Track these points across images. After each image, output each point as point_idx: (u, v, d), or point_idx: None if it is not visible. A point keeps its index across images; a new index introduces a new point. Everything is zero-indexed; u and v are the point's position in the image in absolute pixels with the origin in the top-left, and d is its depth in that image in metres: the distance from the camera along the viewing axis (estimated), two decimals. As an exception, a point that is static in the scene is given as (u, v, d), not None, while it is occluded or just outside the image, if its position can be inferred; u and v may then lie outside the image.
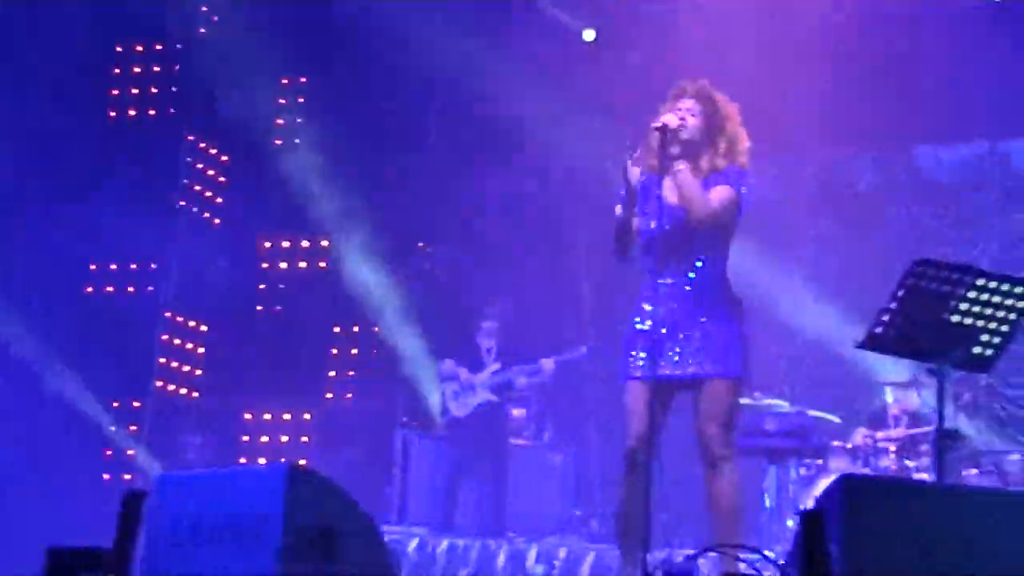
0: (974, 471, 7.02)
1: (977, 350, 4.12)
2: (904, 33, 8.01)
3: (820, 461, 6.94)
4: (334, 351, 9.35)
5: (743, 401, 6.48)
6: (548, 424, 8.18)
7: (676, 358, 4.44)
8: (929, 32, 7.92)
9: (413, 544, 7.19)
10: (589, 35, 8.89)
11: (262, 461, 8.65)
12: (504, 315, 8.03)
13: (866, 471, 6.78)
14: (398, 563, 3.61)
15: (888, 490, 3.45)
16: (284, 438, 9.06)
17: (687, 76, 4.62)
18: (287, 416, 9.13)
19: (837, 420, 7.27)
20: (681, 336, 4.45)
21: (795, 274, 8.46)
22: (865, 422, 7.41)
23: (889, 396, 7.44)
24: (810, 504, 5.47)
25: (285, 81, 9.54)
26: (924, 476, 6.61)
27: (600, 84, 8.46)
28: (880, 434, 7.11)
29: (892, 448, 7.04)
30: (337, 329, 9.35)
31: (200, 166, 9.41)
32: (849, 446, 7.13)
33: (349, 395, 9.20)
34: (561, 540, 7.41)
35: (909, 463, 6.88)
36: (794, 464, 7.02)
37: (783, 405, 7.21)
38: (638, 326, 4.54)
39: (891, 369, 7.16)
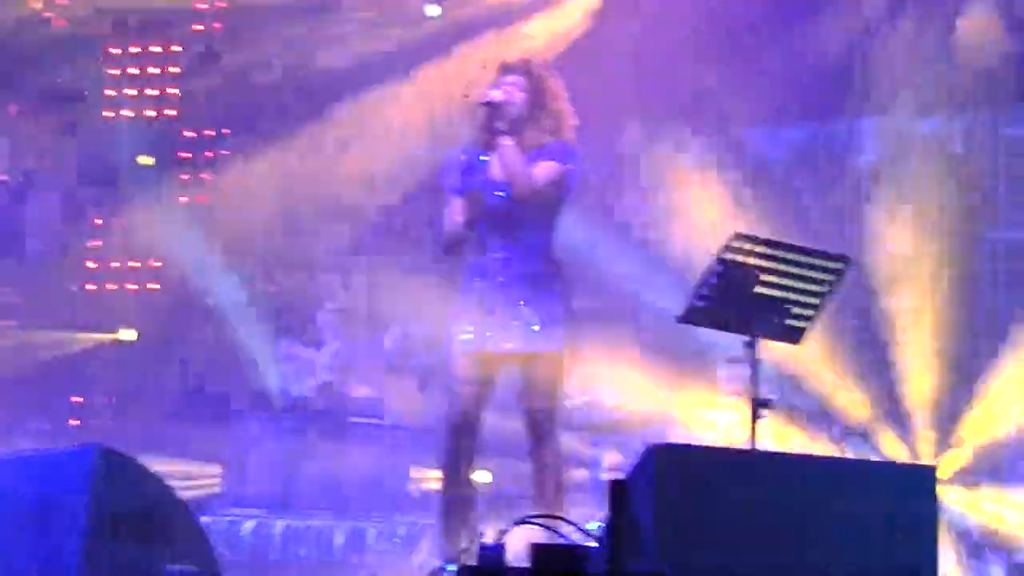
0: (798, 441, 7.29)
1: (789, 322, 4.26)
2: (736, 12, 8.21)
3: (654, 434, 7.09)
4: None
5: (579, 374, 6.61)
6: (391, 402, 8.13)
7: (503, 332, 4.47)
8: (760, 11, 8.15)
9: (249, 526, 7.09)
10: (433, 11, 8.83)
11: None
12: (346, 293, 7.98)
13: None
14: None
15: (698, 457, 3.53)
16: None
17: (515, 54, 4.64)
18: (112, 399, 8.84)
19: (666, 393, 7.42)
20: (508, 311, 4.47)
21: (631, 251, 8.60)
22: (699, 395, 7.60)
23: (722, 371, 7.64)
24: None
25: (116, 51, 9.21)
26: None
27: (444, 63, 8.44)
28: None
29: (723, 421, 7.24)
30: (172, 307, 9.09)
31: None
32: (683, 419, 7.31)
33: (187, 374, 8.95)
34: (402, 517, 7.40)
35: (741, 435, 7.08)
36: (632, 437, 7.15)
37: (623, 380, 7.33)
38: (467, 301, 4.55)
39: (726, 344, 7.34)
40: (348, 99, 8.41)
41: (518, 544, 3.52)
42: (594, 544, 3.33)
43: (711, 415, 7.25)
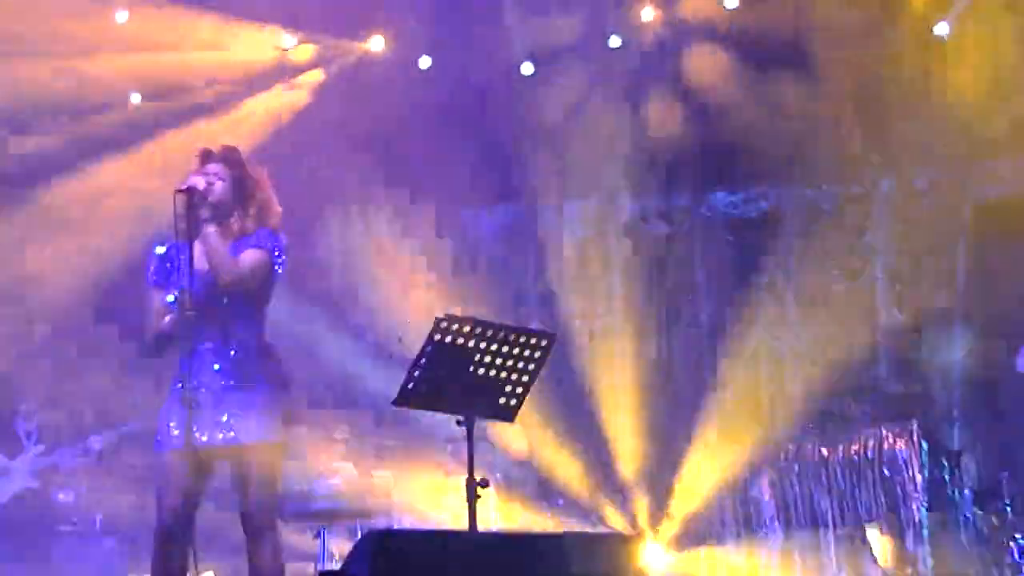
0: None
1: (502, 400, 4.34)
2: (444, 97, 8.48)
3: (379, 521, 7.01)
4: None
5: (306, 465, 6.49)
6: (100, 507, 7.67)
7: (213, 426, 4.32)
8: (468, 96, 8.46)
9: (-60, 655, 6.48)
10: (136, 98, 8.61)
11: None
12: (44, 393, 7.51)
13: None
14: None
15: (413, 542, 3.53)
16: None
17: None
18: None
19: (390, 478, 7.40)
20: (219, 403, 4.33)
21: (351, 332, 8.59)
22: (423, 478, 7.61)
23: (445, 450, 7.69)
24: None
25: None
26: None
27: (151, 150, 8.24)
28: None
29: (449, 503, 7.27)
30: None
31: None
32: (408, 503, 7.29)
33: None
34: (116, 630, 6.99)
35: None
36: (360, 526, 7.04)
37: (346, 467, 7.23)
38: (174, 397, 4.37)
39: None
40: (45, 188, 8.02)
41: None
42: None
43: (436, 497, 7.28)
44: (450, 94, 8.43)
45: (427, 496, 7.30)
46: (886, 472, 7.34)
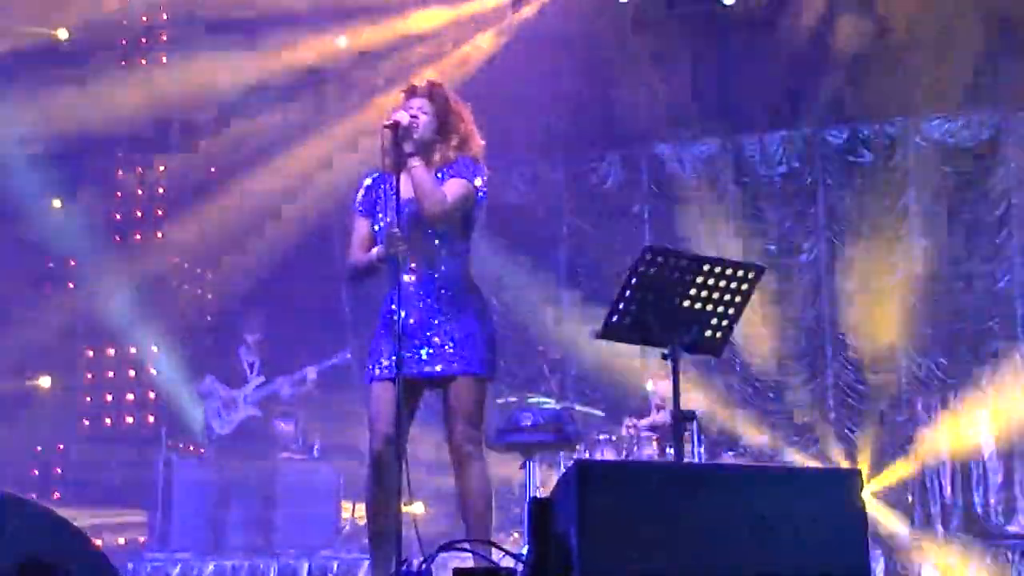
0: (731, 453, 7.39)
1: (708, 333, 4.25)
2: (643, 38, 8.35)
3: (586, 454, 7.07)
4: (89, 375, 8.89)
5: (511, 399, 6.59)
6: (316, 435, 8.03)
7: (422, 356, 4.40)
8: (668, 37, 8.31)
9: (176, 570, 6.94)
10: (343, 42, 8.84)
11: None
12: (265, 327, 7.86)
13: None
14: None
15: (621, 472, 3.49)
16: (35, 471, 8.53)
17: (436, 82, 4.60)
18: (39, 448, 8.60)
19: (600, 413, 7.42)
20: (426, 334, 4.41)
21: (553, 273, 8.64)
22: (630, 413, 7.62)
23: (649, 386, 7.66)
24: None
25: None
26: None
27: (355, 93, 8.49)
28: (643, 421, 7.35)
29: (654, 436, 7.25)
30: (91, 353, 8.89)
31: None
32: (614, 437, 7.31)
33: (108, 420, 8.74)
34: (334, 553, 7.30)
35: (671, 449, 7.08)
36: (563, 458, 7.12)
37: (549, 402, 7.29)
38: (384, 327, 4.47)
39: (653, 361, 7.38)
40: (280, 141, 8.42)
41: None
42: (517, 565, 3.28)
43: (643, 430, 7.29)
44: (652, 26, 8.29)
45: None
46: None
